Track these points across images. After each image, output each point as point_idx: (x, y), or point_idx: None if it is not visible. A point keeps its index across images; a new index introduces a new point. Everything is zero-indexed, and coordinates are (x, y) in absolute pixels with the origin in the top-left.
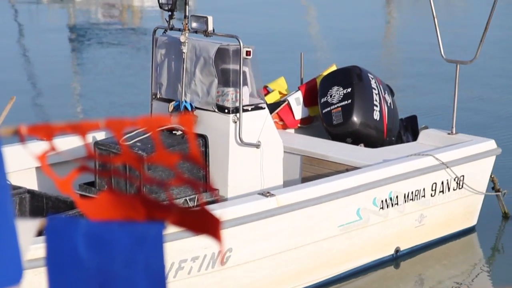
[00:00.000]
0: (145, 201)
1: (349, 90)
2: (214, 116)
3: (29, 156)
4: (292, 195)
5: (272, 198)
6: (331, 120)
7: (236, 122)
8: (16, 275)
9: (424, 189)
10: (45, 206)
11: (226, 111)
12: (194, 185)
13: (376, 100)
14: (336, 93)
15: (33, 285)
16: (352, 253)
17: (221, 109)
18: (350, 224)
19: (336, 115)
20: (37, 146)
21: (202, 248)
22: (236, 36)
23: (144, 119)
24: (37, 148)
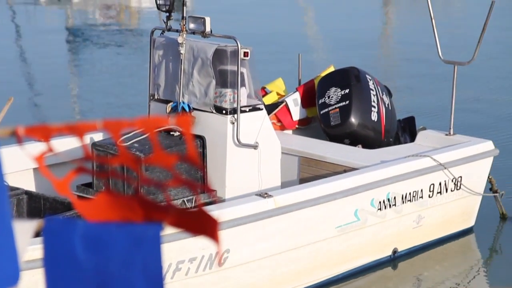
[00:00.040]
0: (142, 202)
1: (347, 91)
2: (212, 117)
3: (27, 157)
4: (290, 196)
5: (269, 199)
6: (329, 121)
7: (234, 123)
8: (14, 276)
9: (422, 190)
10: (42, 207)
11: (224, 112)
12: (191, 186)
13: (374, 101)
14: (334, 94)
15: (31, 286)
16: (350, 254)
17: (219, 110)
18: (348, 225)
19: (334, 116)
20: (35, 147)
21: (200, 249)
22: (233, 37)
23: (142, 120)
24: (35, 149)
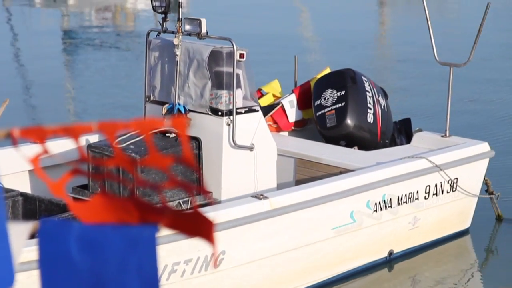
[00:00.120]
0: (138, 203)
1: (343, 92)
2: (208, 119)
3: (22, 159)
4: (286, 198)
5: (265, 201)
6: (325, 122)
7: (229, 124)
8: (8, 278)
9: (417, 192)
10: (38, 209)
11: (220, 113)
12: (187, 187)
13: (370, 103)
14: (330, 96)
15: None
16: (346, 255)
17: (215, 111)
18: (344, 227)
19: (330, 117)
20: (30, 149)
21: (195, 251)
22: (229, 38)
23: (137, 122)
24: (30, 151)
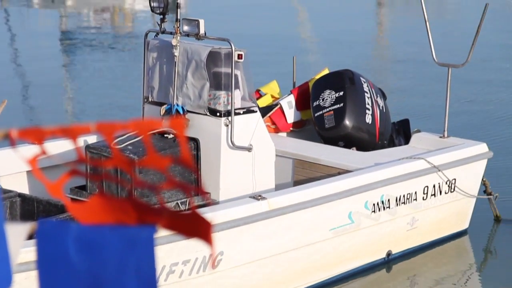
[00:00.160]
0: (136, 204)
1: (341, 93)
2: (206, 120)
3: (20, 160)
4: (284, 198)
5: (263, 201)
6: (323, 123)
7: (228, 125)
8: (6, 279)
9: (416, 193)
10: (36, 209)
11: (218, 114)
12: (185, 188)
13: (368, 104)
14: (328, 97)
15: None
16: (344, 256)
17: (213, 112)
18: (342, 228)
19: (328, 118)
20: (28, 149)
21: (193, 251)
22: (227, 39)
23: (135, 123)
24: (28, 152)
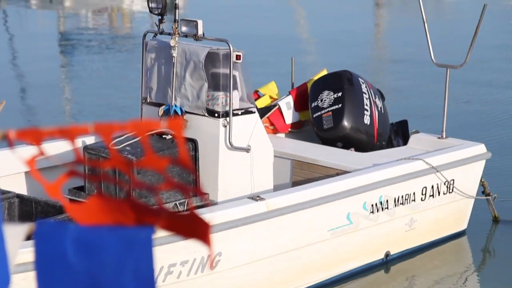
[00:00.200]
0: (134, 205)
1: (340, 94)
2: (204, 120)
3: (18, 161)
4: (282, 199)
5: (262, 202)
6: (322, 124)
7: (226, 126)
8: (4, 280)
9: (414, 193)
10: (34, 210)
11: (216, 115)
12: (183, 189)
13: (366, 105)
14: (327, 98)
15: None
16: (342, 257)
17: (211, 113)
18: (340, 228)
19: (326, 119)
20: (26, 150)
21: (192, 252)
22: (226, 40)
23: (133, 123)
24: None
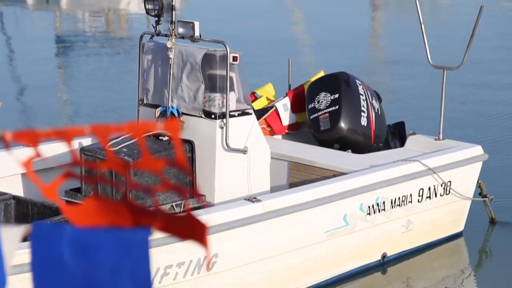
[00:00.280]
0: (131, 207)
1: (337, 96)
2: (201, 122)
3: (14, 162)
4: (279, 201)
5: (258, 204)
6: (319, 126)
7: (222, 127)
8: (0, 281)
9: (411, 195)
10: (30, 212)
11: (213, 116)
12: (180, 191)
13: (363, 106)
14: (324, 99)
15: None
16: (339, 258)
17: (208, 114)
18: (337, 230)
19: (323, 121)
20: (22, 152)
21: (188, 254)
22: (222, 41)
23: (130, 125)
24: (22, 154)
